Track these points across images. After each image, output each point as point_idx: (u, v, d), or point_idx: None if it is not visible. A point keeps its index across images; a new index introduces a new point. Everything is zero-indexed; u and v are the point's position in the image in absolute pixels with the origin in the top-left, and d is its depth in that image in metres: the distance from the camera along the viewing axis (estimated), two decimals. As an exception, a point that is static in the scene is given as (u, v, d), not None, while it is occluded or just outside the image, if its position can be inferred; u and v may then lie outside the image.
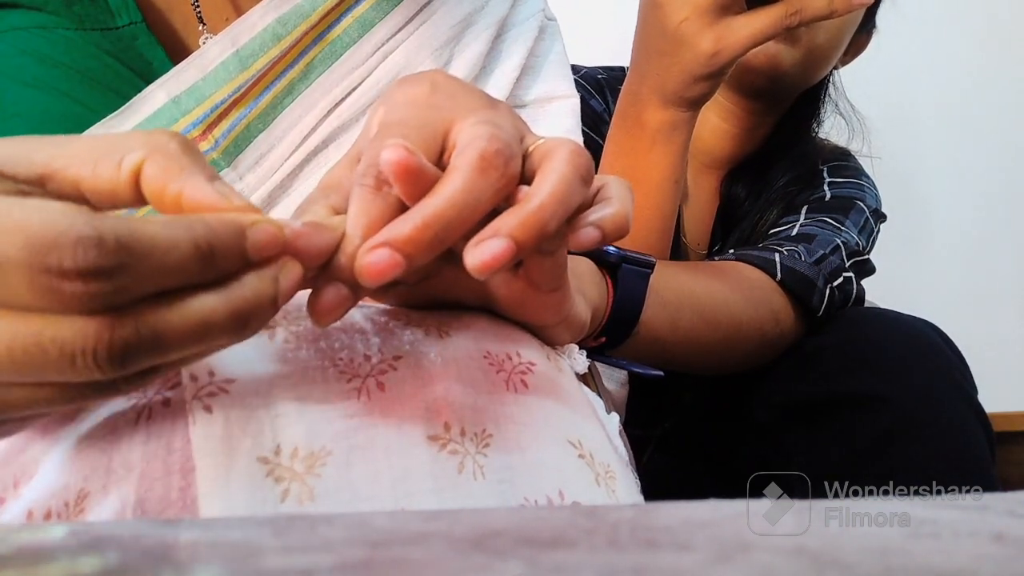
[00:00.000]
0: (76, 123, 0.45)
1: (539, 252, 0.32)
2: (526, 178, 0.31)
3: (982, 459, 0.68)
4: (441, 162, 0.32)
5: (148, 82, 0.46)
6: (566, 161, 0.30)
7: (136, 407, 0.29)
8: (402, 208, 0.29)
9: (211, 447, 0.28)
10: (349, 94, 0.51)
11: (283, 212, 0.48)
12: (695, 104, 0.67)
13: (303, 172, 0.50)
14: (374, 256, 0.27)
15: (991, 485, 0.67)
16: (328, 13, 0.50)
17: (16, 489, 0.30)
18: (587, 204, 0.32)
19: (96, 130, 0.45)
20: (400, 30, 0.52)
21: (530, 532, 0.20)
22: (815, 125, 0.94)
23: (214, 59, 0.47)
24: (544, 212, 0.28)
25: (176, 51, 0.49)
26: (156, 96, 0.46)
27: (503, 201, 0.30)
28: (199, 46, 0.49)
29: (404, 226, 0.27)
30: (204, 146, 0.47)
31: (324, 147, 0.50)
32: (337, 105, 0.51)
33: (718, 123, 0.90)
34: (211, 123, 0.47)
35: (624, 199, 0.33)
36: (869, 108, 0.98)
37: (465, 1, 0.55)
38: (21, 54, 0.46)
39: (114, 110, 0.45)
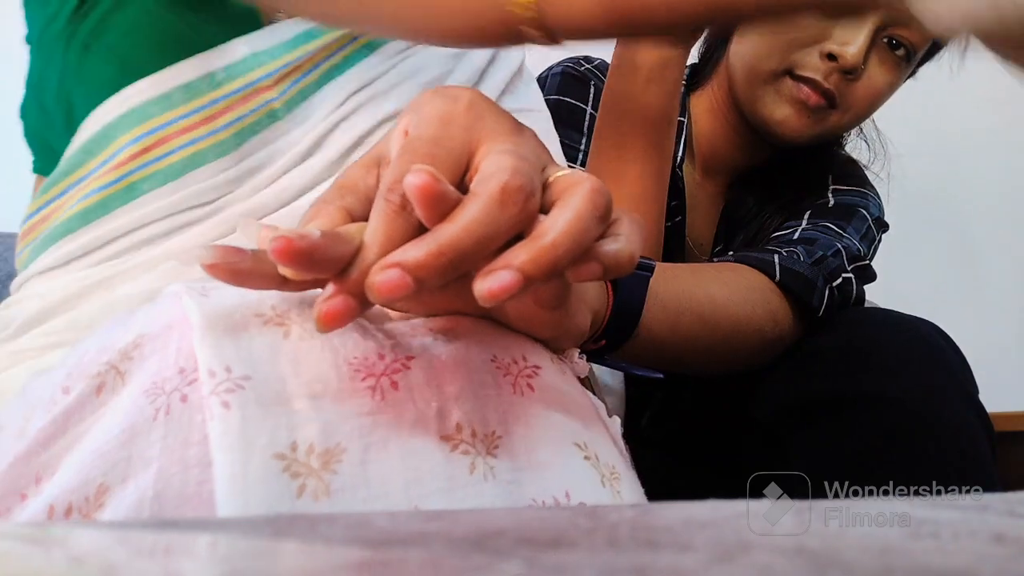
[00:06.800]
0: (178, 41, 0.52)
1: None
2: (544, 207, 0.31)
3: (983, 459, 0.68)
4: (463, 182, 0.32)
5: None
6: (585, 199, 0.30)
7: (155, 403, 0.30)
8: (421, 230, 0.29)
9: (228, 443, 0.28)
10: (374, 81, 0.57)
11: (326, 153, 0.54)
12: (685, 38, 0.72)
13: (342, 125, 0.55)
14: (385, 275, 0.27)
15: (991, 485, 0.67)
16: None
17: (38, 485, 0.30)
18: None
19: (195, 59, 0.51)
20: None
21: (530, 532, 0.20)
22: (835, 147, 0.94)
23: (289, 31, 0.54)
24: (557, 250, 0.29)
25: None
26: (238, 48, 0.52)
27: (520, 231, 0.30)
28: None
29: (418, 251, 0.28)
30: (270, 95, 0.54)
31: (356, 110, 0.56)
32: (367, 86, 0.57)
33: (726, 132, 0.90)
34: (279, 78, 0.53)
35: (633, 239, 0.33)
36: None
37: (434, 66, 0.59)
38: None
39: (212, 36, 0.52)
